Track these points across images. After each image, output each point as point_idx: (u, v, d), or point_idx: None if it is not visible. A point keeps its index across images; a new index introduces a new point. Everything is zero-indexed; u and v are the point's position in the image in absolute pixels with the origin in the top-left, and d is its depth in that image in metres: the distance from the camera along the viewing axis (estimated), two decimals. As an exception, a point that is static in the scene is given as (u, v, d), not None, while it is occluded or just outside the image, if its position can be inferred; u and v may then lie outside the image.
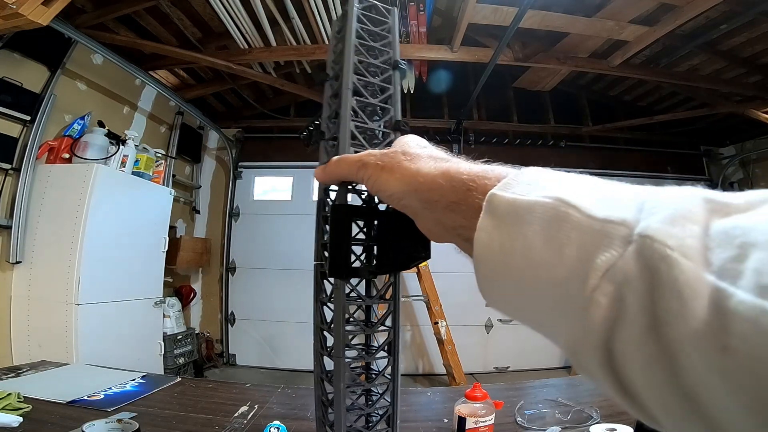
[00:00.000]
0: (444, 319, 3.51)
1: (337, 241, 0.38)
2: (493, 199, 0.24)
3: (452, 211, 0.28)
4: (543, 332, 0.23)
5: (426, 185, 0.29)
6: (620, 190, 0.22)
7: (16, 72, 2.32)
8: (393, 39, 0.49)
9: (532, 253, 0.21)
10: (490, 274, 0.24)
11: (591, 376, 0.20)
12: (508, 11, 2.52)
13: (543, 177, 0.24)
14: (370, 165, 0.33)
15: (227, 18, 2.67)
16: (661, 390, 0.17)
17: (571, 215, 0.20)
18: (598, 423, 0.94)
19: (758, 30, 2.78)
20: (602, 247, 0.19)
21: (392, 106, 0.46)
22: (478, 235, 0.24)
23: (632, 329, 0.17)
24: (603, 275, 0.18)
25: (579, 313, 0.19)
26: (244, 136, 4.50)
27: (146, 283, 2.94)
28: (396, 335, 0.45)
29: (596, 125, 4.38)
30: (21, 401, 0.98)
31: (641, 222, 0.18)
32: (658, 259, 0.17)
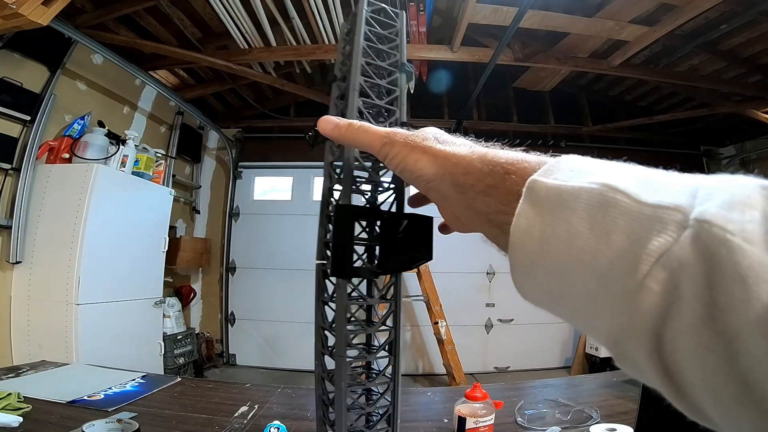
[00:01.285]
0: (444, 319, 3.51)
1: (339, 240, 0.38)
2: (534, 186, 0.23)
3: (487, 195, 0.27)
4: (580, 323, 0.23)
5: (462, 168, 0.29)
6: (669, 177, 0.21)
7: (16, 72, 2.32)
8: (401, 42, 0.50)
9: (576, 240, 0.20)
10: (527, 262, 0.23)
11: (633, 366, 0.20)
12: (508, 11, 2.52)
13: (585, 164, 0.24)
14: (397, 143, 0.32)
15: (227, 18, 2.67)
16: (714, 376, 0.16)
17: (619, 201, 0.20)
18: (598, 423, 0.94)
19: (758, 30, 2.78)
20: (655, 232, 0.18)
21: (397, 107, 0.46)
22: (516, 222, 0.23)
23: (687, 316, 0.17)
24: (656, 261, 0.18)
25: (626, 300, 0.18)
26: (244, 136, 4.50)
27: (146, 283, 2.94)
28: (397, 335, 0.45)
29: (596, 125, 4.38)
30: (21, 401, 0.98)
31: (696, 207, 0.18)
32: (717, 244, 0.16)
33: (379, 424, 0.46)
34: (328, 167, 0.46)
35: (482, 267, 4.22)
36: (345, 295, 0.41)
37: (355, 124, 0.36)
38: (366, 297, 0.46)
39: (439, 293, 3.58)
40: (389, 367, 0.46)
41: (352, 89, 0.44)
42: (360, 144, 0.36)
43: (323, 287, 0.47)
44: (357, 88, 0.44)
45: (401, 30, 0.51)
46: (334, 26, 2.75)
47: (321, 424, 0.49)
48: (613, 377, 1.35)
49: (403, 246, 0.38)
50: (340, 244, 0.38)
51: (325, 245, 0.46)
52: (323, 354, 0.47)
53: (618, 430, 0.86)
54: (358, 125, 0.36)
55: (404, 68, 0.48)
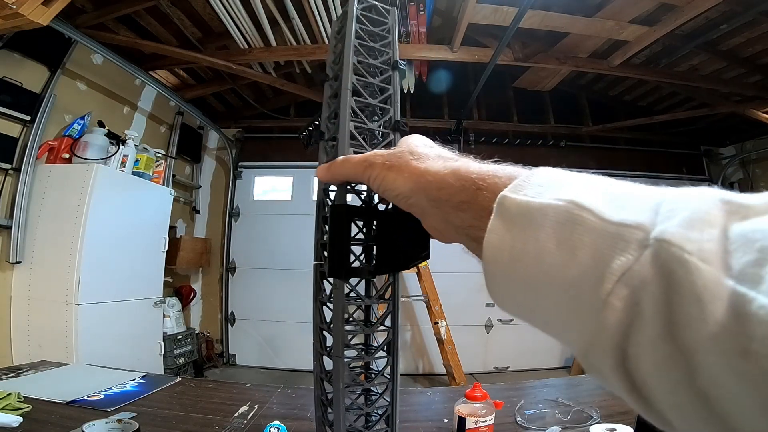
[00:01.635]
0: (444, 319, 3.51)
1: (336, 241, 0.38)
2: (504, 201, 0.24)
3: (461, 210, 0.28)
4: (552, 334, 0.24)
5: (435, 184, 0.29)
6: (635, 192, 0.21)
7: (16, 72, 2.32)
8: (392, 39, 0.49)
9: (544, 256, 0.21)
10: (499, 276, 0.24)
11: (602, 378, 0.21)
12: (508, 11, 2.52)
13: (555, 178, 0.24)
14: (376, 165, 0.33)
15: (227, 18, 2.67)
16: (675, 391, 0.17)
17: (585, 218, 0.20)
18: (598, 423, 0.94)
19: (758, 30, 2.77)
20: (617, 250, 0.19)
21: (391, 106, 0.46)
22: (488, 238, 0.24)
23: (648, 332, 0.17)
24: (618, 279, 0.18)
25: (592, 316, 0.19)
26: (244, 136, 4.50)
27: (146, 283, 2.94)
28: (395, 335, 0.45)
29: (596, 125, 4.38)
30: (21, 401, 0.98)
31: (657, 225, 0.18)
32: (675, 264, 0.17)
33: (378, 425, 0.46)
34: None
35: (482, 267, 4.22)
36: (342, 295, 0.41)
37: (337, 160, 0.38)
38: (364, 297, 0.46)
39: (439, 293, 3.58)
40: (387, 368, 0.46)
41: (345, 88, 0.43)
42: (346, 176, 0.37)
43: (321, 288, 0.46)
44: (350, 87, 0.43)
45: (393, 27, 0.50)
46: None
47: (320, 425, 0.49)
48: (613, 377, 1.34)
49: (401, 245, 0.38)
50: (336, 244, 0.38)
51: (322, 246, 0.46)
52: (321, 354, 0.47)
53: (618, 430, 0.86)
54: (341, 159, 0.37)
55: (397, 66, 0.48)
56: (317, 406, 0.49)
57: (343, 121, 0.42)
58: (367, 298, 0.45)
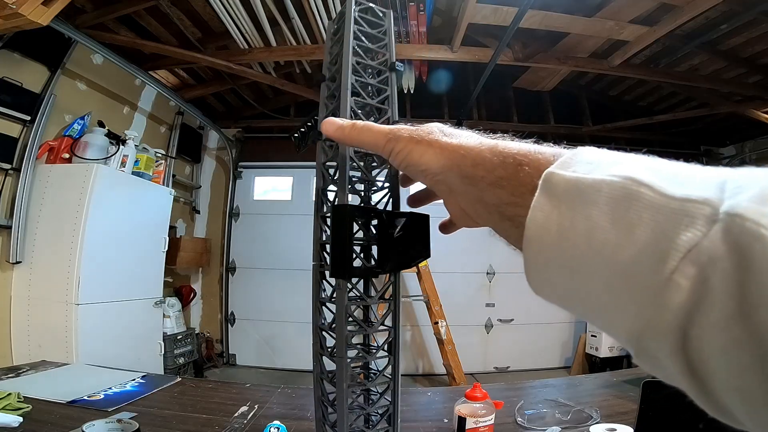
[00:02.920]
0: (444, 319, 3.51)
1: (339, 241, 0.38)
2: (551, 178, 0.22)
3: (499, 187, 0.26)
4: (598, 320, 0.22)
5: (471, 159, 0.28)
6: (694, 170, 0.20)
7: (16, 72, 2.32)
8: (389, 41, 0.50)
9: (597, 234, 0.20)
10: (542, 257, 0.23)
11: (654, 363, 0.19)
12: (508, 11, 2.52)
13: (604, 156, 0.23)
14: (402, 138, 0.32)
15: (227, 18, 2.67)
16: (743, 374, 0.16)
17: (643, 194, 0.19)
18: (598, 423, 0.94)
19: (758, 30, 2.78)
20: (682, 226, 0.17)
21: (389, 106, 0.46)
22: (533, 215, 0.22)
23: (717, 312, 0.16)
24: (684, 256, 0.17)
25: (652, 297, 0.18)
26: (244, 136, 4.50)
27: (146, 283, 2.94)
28: (396, 335, 0.45)
29: (596, 125, 4.38)
30: (21, 401, 0.98)
31: (726, 201, 0.17)
32: (750, 238, 0.16)
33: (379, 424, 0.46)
34: (321, 167, 0.46)
35: (482, 267, 4.22)
36: (345, 296, 0.41)
37: (358, 124, 0.36)
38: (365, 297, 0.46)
39: (439, 293, 3.58)
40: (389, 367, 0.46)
41: (344, 88, 0.44)
42: (363, 143, 0.35)
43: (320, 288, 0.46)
44: (349, 88, 0.44)
45: (389, 29, 0.51)
46: (334, 26, 2.75)
47: (320, 425, 0.48)
48: (613, 377, 1.35)
49: (401, 244, 0.38)
50: (339, 244, 0.38)
51: (321, 246, 0.46)
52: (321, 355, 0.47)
53: (618, 430, 0.86)
54: (362, 125, 0.36)
55: (394, 68, 0.48)
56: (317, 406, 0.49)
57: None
58: (368, 298, 0.45)
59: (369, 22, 0.50)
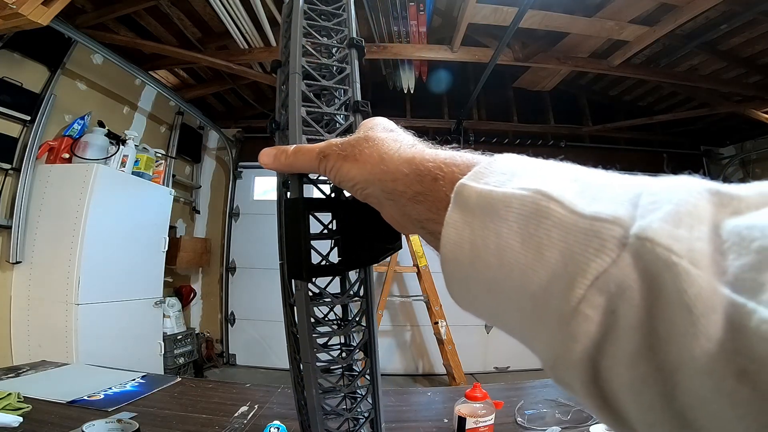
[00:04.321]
0: (444, 319, 3.51)
1: (293, 239, 0.34)
2: (462, 191, 0.21)
3: (417, 202, 0.25)
4: (519, 340, 0.21)
5: (390, 174, 0.27)
6: (610, 180, 0.19)
7: (16, 72, 2.32)
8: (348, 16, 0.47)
9: (506, 254, 0.19)
10: (459, 275, 0.22)
11: (571, 392, 0.19)
12: (508, 11, 2.52)
13: (520, 165, 0.22)
14: (332, 156, 0.31)
15: (227, 18, 2.67)
16: (652, 411, 0.15)
17: (553, 211, 0.18)
18: (598, 423, 0.93)
19: (758, 30, 2.77)
20: (590, 250, 0.16)
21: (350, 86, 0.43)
22: (445, 232, 0.21)
23: (624, 346, 0.15)
24: (591, 284, 0.16)
25: (561, 326, 0.17)
26: (244, 136, 4.50)
27: (146, 283, 2.94)
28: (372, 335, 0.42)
29: (596, 125, 4.38)
30: (21, 401, 0.98)
31: (638, 220, 0.16)
32: (661, 267, 0.14)
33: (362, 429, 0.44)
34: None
35: (482, 267, 4.22)
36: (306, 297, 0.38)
37: (289, 149, 0.34)
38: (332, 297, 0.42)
39: (439, 293, 3.58)
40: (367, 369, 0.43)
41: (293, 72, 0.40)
42: (300, 167, 0.34)
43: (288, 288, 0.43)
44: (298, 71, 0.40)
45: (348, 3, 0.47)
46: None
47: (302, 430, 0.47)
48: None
49: (367, 238, 0.34)
50: (294, 242, 0.34)
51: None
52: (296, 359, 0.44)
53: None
54: (293, 149, 0.34)
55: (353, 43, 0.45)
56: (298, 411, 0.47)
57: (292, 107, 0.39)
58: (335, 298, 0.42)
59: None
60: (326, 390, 0.42)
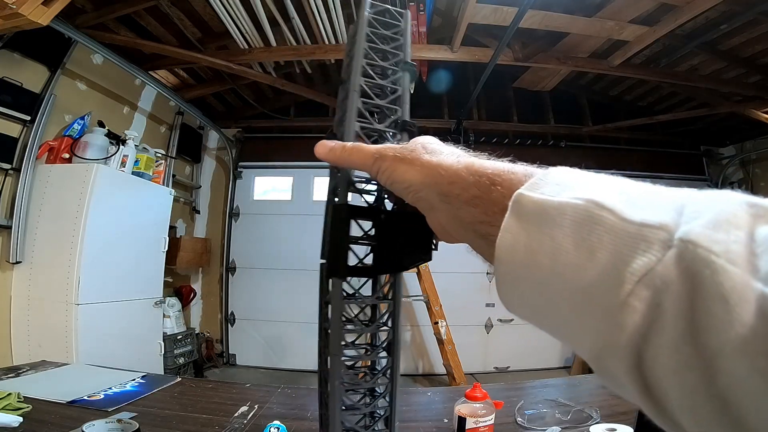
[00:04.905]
0: (444, 319, 3.51)
1: (335, 241, 0.38)
2: (520, 199, 0.23)
3: (473, 205, 0.27)
4: (563, 337, 0.23)
5: (448, 178, 0.29)
6: (656, 192, 0.21)
7: (16, 72, 2.32)
8: (404, 41, 0.50)
9: (560, 256, 0.21)
10: (511, 276, 0.24)
11: (614, 381, 0.20)
12: (508, 11, 2.52)
13: (573, 177, 0.24)
14: (387, 157, 0.33)
15: (227, 18, 2.67)
16: (692, 394, 0.17)
17: (604, 218, 0.20)
18: (598, 423, 0.94)
19: (758, 30, 2.77)
20: (639, 251, 0.18)
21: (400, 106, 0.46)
22: (502, 236, 0.23)
23: (669, 334, 0.17)
24: (639, 280, 0.18)
25: (609, 318, 0.19)
26: (244, 136, 4.50)
27: (146, 283, 2.94)
28: (395, 335, 0.45)
29: (596, 125, 4.38)
30: (21, 401, 0.98)
31: (682, 226, 0.18)
32: (701, 265, 0.16)
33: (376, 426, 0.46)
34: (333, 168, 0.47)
35: (482, 267, 4.21)
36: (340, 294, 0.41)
37: (347, 146, 0.37)
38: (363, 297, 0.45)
39: (439, 293, 3.58)
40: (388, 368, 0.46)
41: (352, 90, 0.44)
42: (353, 164, 0.36)
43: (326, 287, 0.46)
44: (357, 89, 0.44)
45: (405, 29, 0.51)
46: (334, 26, 2.75)
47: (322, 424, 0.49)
48: (613, 377, 1.34)
49: (402, 246, 0.38)
50: (335, 244, 0.38)
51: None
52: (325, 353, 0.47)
53: (618, 430, 0.86)
54: (350, 146, 0.36)
55: (405, 66, 0.48)
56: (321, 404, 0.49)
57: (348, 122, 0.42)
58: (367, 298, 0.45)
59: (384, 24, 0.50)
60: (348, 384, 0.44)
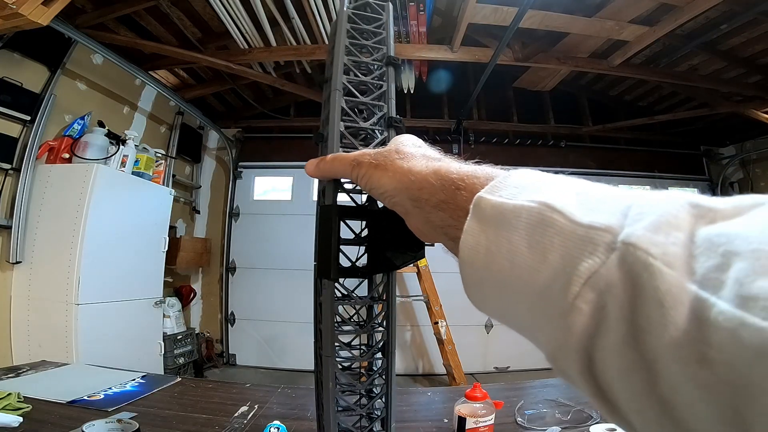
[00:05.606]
0: (444, 319, 3.51)
1: (324, 241, 0.37)
2: (479, 203, 0.24)
3: (441, 210, 0.28)
4: (526, 336, 0.24)
5: (417, 183, 0.30)
6: (608, 194, 0.21)
7: (16, 72, 2.32)
8: (387, 35, 0.49)
9: (516, 257, 0.21)
10: (475, 277, 0.25)
11: (570, 381, 0.21)
12: (508, 11, 2.52)
13: (531, 180, 0.24)
14: (364, 164, 0.34)
15: (227, 18, 2.67)
16: (638, 397, 0.17)
17: (555, 220, 0.20)
18: (598, 423, 0.94)
19: (758, 30, 2.78)
20: (585, 253, 0.19)
21: (385, 103, 0.45)
22: (464, 238, 0.24)
23: (612, 337, 0.17)
24: (585, 282, 0.18)
25: (560, 319, 0.19)
26: (244, 136, 4.50)
27: (146, 283, 2.94)
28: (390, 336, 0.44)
29: (596, 125, 4.38)
30: (21, 401, 0.98)
31: (625, 228, 0.18)
32: (640, 268, 0.17)
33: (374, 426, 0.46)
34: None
35: (482, 267, 4.22)
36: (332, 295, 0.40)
37: (327, 157, 0.38)
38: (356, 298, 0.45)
39: (439, 293, 3.58)
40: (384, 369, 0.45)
41: (334, 89, 0.43)
42: (336, 173, 0.38)
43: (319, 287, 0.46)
44: (339, 88, 0.43)
45: (387, 22, 0.49)
46: (334, 26, 2.75)
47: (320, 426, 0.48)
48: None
49: (393, 245, 0.37)
50: (325, 245, 0.37)
51: None
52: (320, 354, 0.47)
53: (618, 430, 0.86)
54: (330, 157, 0.38)
55: (391, 62, 0.47)
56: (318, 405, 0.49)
57: (332, 122, 0.42)
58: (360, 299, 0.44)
59: (365, 18, 0.49)
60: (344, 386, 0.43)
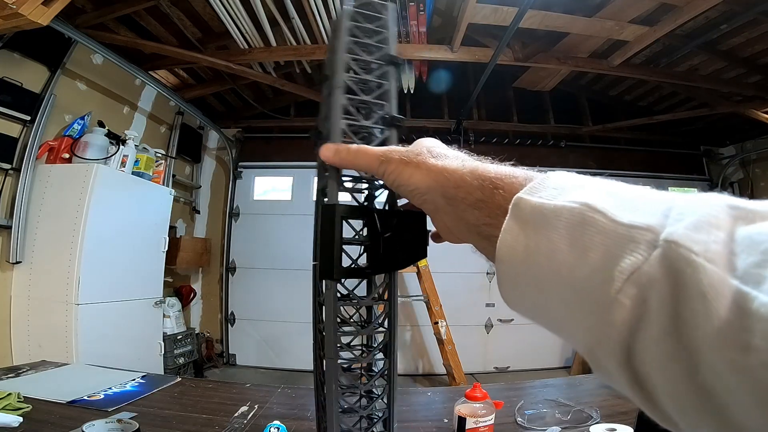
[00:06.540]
0: (444, 319, 3.51)
1: (327, 241, 0.37)
2: (519, 203, 0.25)
3: (477, 208, 0.28)
4: (560, 333, 0.24)
5: (453, 182, 0.30)
6: (646, 196, 0.22)
7: (16, 72, 2.32)
8: (389, 34, 0.48)
9: (556, 256, 0.22)
10: (512, 276, 0.25)
11: (607, 375, 0.21)
12: (508, 11, 2.52)
13: (570, 181, 0.25)
14: (393, 160, 0.34)
15: (227, 18, 2.67)
16: (678, 386, 0.18)
17: (596, 220, 0.21)
18: (598, 423, 0.94)
19: (758, 30, 2.77)
20: (627, 251, 0.19)
21: (387, 101, 0.45)
22: (502, 237, 0.25)
23: (654, 329, 0.18)
24: (627, 278, 0.19)
25: (601, 314, 0.20)
26: (244, 136, 4.50)
27: (146, 283, 2.94)
28: (392, 337, 0.44)
29: (596, 125, 4.38)
30: (21, 401, 0.98)
31: (667, 228, 0.19)
32: (683, 264, 0.18)
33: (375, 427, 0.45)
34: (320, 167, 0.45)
35: (482, 267, 4.22)
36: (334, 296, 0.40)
37: (352, 148, 0.37)
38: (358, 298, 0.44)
39: (439, 293, 3.58)
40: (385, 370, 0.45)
41: (336, 86, 0.43)
42: (359, 166, 0.38)
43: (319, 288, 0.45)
44: (341, 86, 0.43)
45: (389, 22, 0.49)
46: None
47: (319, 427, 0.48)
48: (613, 377, 1.34)
49: (396, 244, 0.37)
50: (327, 245, 0.37)
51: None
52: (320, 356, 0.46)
53: (618, 430, 0.86)
54: (356, 148, 0.37)
55: (393, 60, 0.47)
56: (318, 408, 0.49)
57: (334, 120, 0.41)
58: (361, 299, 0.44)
59: (367, 17, 0.48)
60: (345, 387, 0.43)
